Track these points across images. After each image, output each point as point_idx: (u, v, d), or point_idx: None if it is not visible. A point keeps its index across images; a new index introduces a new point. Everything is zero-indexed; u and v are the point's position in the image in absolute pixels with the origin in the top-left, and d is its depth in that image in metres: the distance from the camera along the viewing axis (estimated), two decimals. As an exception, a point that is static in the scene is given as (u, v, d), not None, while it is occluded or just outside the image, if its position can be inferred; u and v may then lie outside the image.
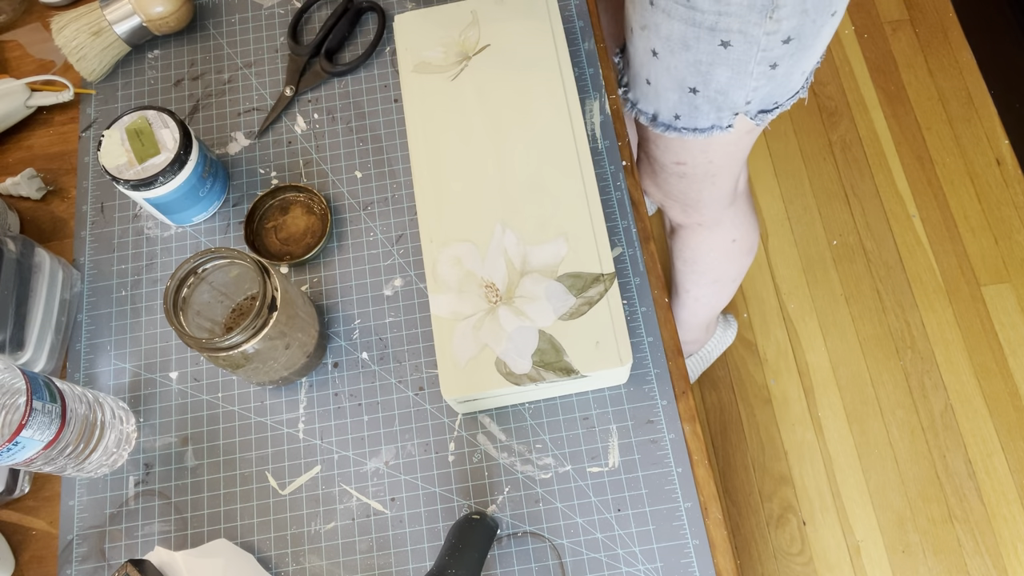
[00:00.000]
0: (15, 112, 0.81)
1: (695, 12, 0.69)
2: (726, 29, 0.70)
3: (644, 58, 0.79)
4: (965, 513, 1.38)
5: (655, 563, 0.64)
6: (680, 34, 0.72)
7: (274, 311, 0.61)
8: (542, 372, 0.62)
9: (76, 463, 0.64)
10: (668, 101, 0.81)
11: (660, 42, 0.75)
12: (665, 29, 0.73)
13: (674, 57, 0.75)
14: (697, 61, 0.74)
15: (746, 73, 0.74)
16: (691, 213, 1.00)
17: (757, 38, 0.70)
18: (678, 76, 0.77)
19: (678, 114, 0.81)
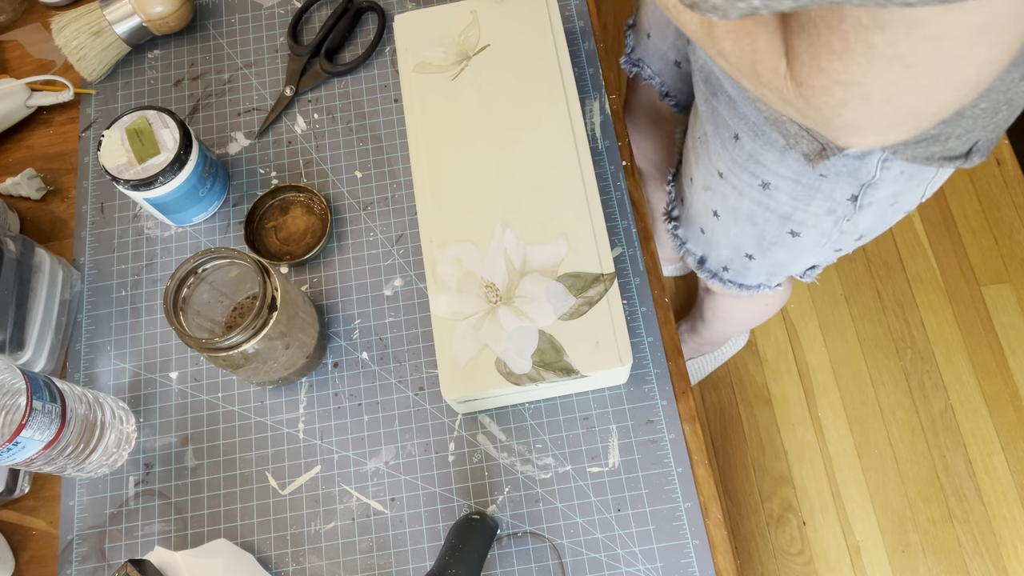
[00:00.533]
0: (15, 112, 0.81)
1: (770, 200, 0.67)
2: (800, 222, 0.68)
3: (702, 211, 0.77)
4: (965, 513, 1.37)
5: (655, 563, 0.64)
6: (748, 211, 0.71)
7: (274, 311, 0.61)
8: (542, 372, 0.62)
9: (76, 463, 0.64)
10: (720, 255, 0.80)
11: (725, 209, 0.73)
12: (732, 201, 0.71)
13: (736, 226, 0.74)
14: (761, 238, 0.73)
15: (809, 255, 0.73)
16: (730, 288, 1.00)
17: (829, 233, 0.69)
18: (737, 241, 0.76)
19: (727, 267, 0.81)
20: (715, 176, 0.72)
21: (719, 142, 0.69)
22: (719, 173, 0.71)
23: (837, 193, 0.64)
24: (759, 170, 0.66)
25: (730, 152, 0.68)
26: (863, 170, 0.61)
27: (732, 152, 0.68)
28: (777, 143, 0.63)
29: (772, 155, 0.64)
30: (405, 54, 0.75)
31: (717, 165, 0.71)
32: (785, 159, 0.63)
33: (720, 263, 0.82)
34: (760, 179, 0.67)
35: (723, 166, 0.70)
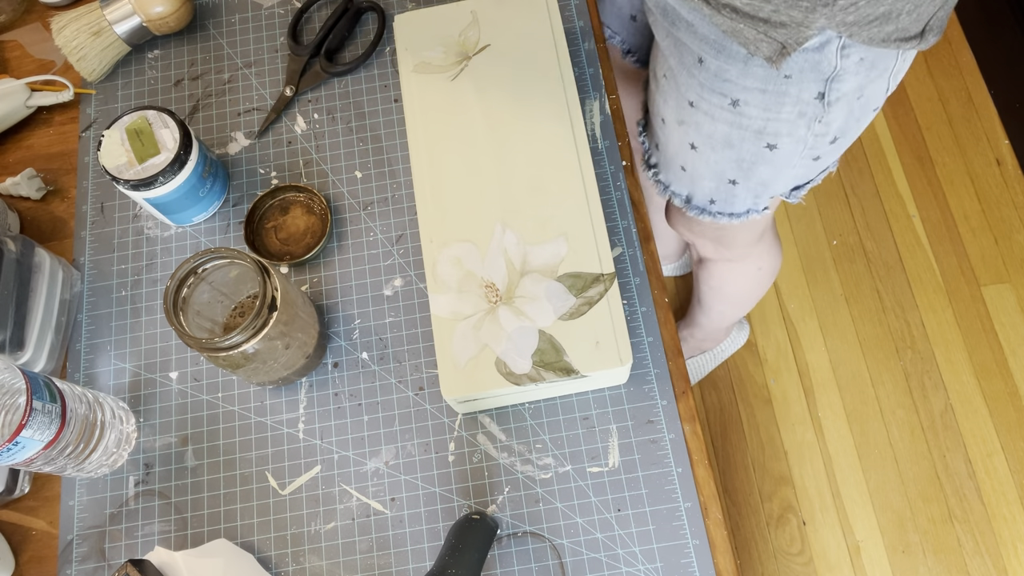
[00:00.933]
0: (15, 112, 0.81)
1: (742, 117, 0.69)
2: (774, 133, 0.69)
3: (679, 149, 0.78)
4: (965, 513, 1.38)
5: (655, 563, 0.64)
6: (723, 134, 0.72)
7: (274, 311, 0.61)
8: (542, 372, 0.62)
9: (76, 463, 0.64)
10: (704, 188, 0.81)
11: (700, 138, 0.74)
12: (707, 128, 0.72)
13: (715, 153, 0.75)
14: (740, 159, 0.74)
15: (789, 167, 0.74)
16: (722, 251, 1.01)
17: (804, 139, 0.70)
18: (717, 169, 0.77)
19: (714, 199, 0.81)
20: (686, 107, 0.73)
21: (685, 71, 0.70)
22: (689, 103, 0.72)
23: (804, 94, 0.65)
24: (726, 87, 0.67)
25: (697, 77, 0.69)
26: (824, 63, 0.62)
27: (699, 77, 0.68)
28: (739, 54, 0.64)
29: (736, 68, 0.65)
30: (405, 54, 0.75)
31: (687, 95, 0.72)
32: (749, 68, 0.64)
33: (706, 196, 0.82)
34: (729, 97, 0.68)
35: (692, 94, 0.71)
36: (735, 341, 1.46)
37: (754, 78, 0.65)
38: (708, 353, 1.45)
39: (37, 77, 0.82)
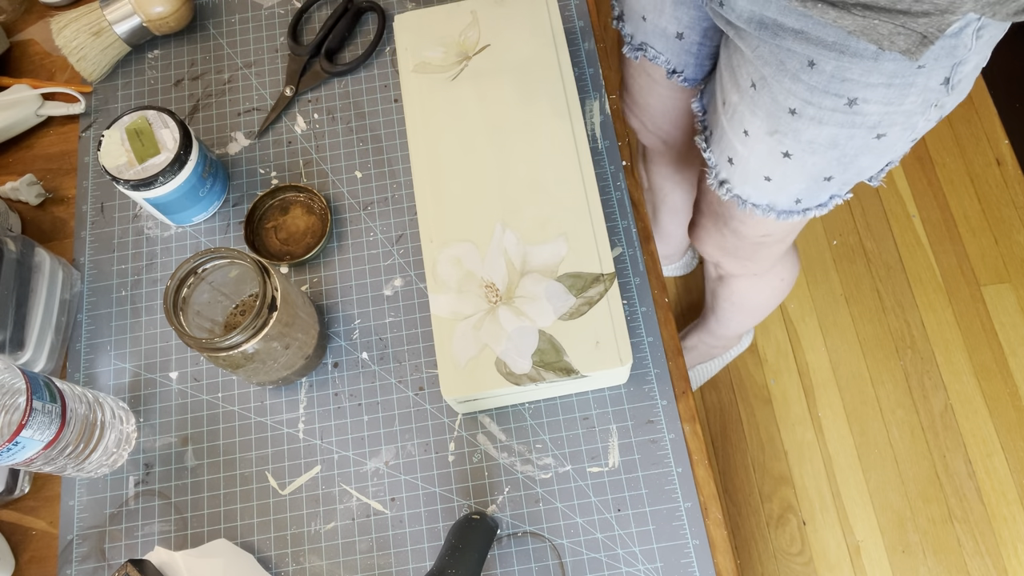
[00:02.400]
0: (25, 120, 0.81)
1: (857, 116, 0.66)
2: (889, 124, 0.67)
3: (767, 160, 0.75)
4: (965, 513, 1.38)
5: (655, 563, 0.64)
6: (829, 136, 0.69)
7: (274, 311, 0.61)
8: (542, 372, 0.62)
9: (76, 463, 0.64)
10: (791, 192, 0.78)
11: (799, 145, 0.72)
12: (810, 134, 0.70)
13: (814, 156, 0.72)
14: (843, 156, 0.71)
15: (891, 152, 0.72)
16: (748, 266, 0.99)
17: (915, 124, 0.68)
18: (814, 171, 0.74)
19: (800, 199, 0.79)
20: (784, 116, 0.70)
21: (788, 78, 0.67)
22: (790, 110, 0.69)
23: (931, 81, 0.63)
24: (844, 87, 0.65)
25: (805, 82, 0.66)
26: (960, 47, 0.61)
27: (808, 81, 0.66)
28: (866, 52, 0.62)
29: (861, 66, 0.63)
30: (405, 54, 0.75)
31: (787, 103, 0.69)
32: (878, 64, 0.62)
33: (792, 199, 0.79)
34: (845, 97, 0.65)
35: (795, 101, 0.69)
36: (742, 344, 1.46)
37: (881, 73, 0.63)
38: (717, 360, 1.45)
39: (51, 88, 0.82)
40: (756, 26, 0.67)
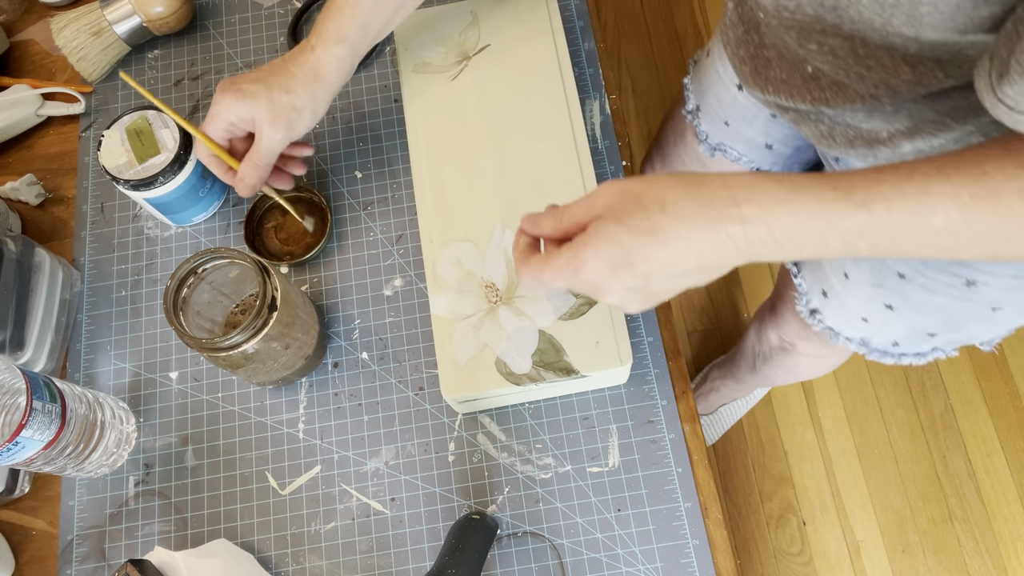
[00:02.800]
0: (26, 120, 0.81)
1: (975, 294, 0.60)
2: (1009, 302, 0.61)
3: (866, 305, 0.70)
4: (965, 513, 1.37)
5: (655, 563, 0.64)
6: (939, 304, 0.64)
7: (274, 311, 0.61)
8: (542, 372, 0.62)
9: (76, 463, 0.64)
10: (889, 335, 0.72)
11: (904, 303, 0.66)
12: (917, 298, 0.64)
13: (920, 315, 0.67)
14: (950, 319, 0.65)
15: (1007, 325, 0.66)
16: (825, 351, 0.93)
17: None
18: (918, 325, 0.68)
19: (898, 343, 0.73)
20: (891, 277, 0.65)
21: None
22: (899, 275, 0.64)
23: None
24: (965, 271, 0.59)
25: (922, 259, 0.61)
26: None
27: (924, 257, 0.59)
28: None
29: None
30: (405, 54, 0.75)
31: (895, 268, 0.64)
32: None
33: (889, 341, 0.73)
34: (964, 278, 0.59)
35: (906, 269, 0.63)
36: (765, 388, 1.41)
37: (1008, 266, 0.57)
38: (740, 401, 1.39)
39: (51, 88, 0.82)
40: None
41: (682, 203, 0.42)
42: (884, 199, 0.40)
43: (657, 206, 0.43)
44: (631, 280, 0.44)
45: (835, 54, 0.50)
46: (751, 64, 0.64)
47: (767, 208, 0.41)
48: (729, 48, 0.68)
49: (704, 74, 0.81)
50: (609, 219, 0.44)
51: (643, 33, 1.73)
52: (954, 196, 0.39)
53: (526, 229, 0.51)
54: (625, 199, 0.44)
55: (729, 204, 0.42)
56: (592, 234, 0.44)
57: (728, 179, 0.43)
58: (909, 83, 0.47)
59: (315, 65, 0.64)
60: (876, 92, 0.51)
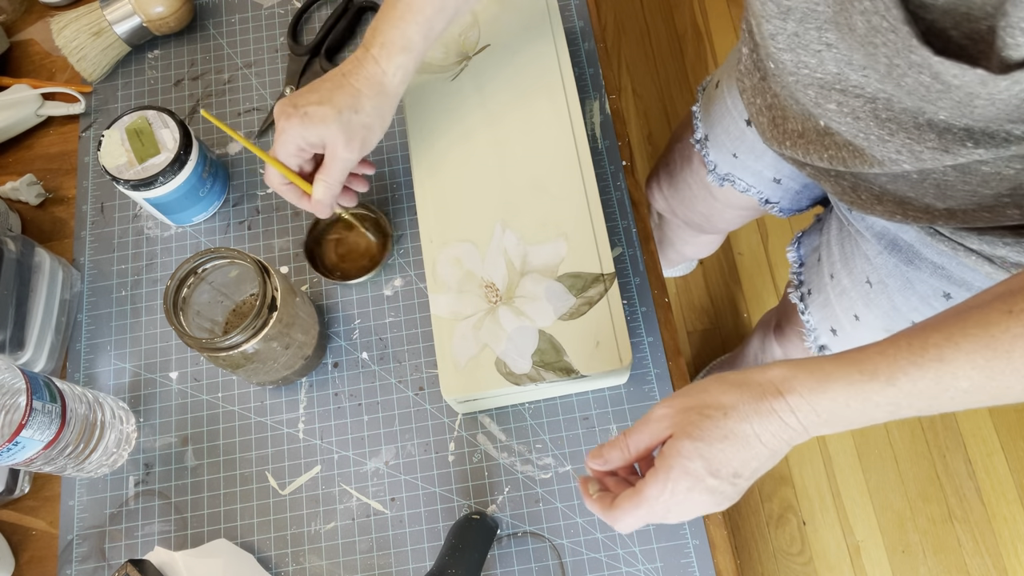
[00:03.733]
0: (26, 120, 0.81)
1: None
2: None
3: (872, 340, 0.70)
4: (965, 513, 1.38)
5: (655, 563, 0.64)
6: None
7: (274, 311, 0.61)
8: (542, 372, 0.62)
9: (76, 463, 0.64)
10: None
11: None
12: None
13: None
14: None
15: None
16: None
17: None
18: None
19: None
20: (904, 324, 0.65)
21: (916, 298, 0.62)
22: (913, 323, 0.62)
23: None
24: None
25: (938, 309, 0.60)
26: None
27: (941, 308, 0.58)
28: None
29: None
30: (405, 54, 0.75)
31: (910, 316, 0.65)
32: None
33: None
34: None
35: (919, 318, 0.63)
36: None
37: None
38: None
39: (51, 88, 0.82)
40: (886, 244, 0.63)
41: (740, 405, 0.45)
42: (906, 375, 0.42)
43: (720, 413, 0.45)
44: (719, 485, 0.46)
45: (855, 115, 0.49)
46: (768, 115, 0.63)
47: (808, 397, 0.44)
48: (745, 96, 0.67)
49: (713, 105, 0.81)
50: (683, 436, 0.46)
51: (643, 33, 1.73)
52: (970, 362, 0.41)
53: (596, 468, 0.51)
54: (689, 415, 0.46)
55: (777, 397, 0.44)
56: (673, 455, 0.46)
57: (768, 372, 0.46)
58: (934, 150, 0.46)
59: (380, 79, 0.61)
60: (897, 157, 0.49)
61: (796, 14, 0.48)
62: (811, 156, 0.58)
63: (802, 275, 0.79)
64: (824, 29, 0.46)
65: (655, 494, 0.47)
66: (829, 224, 0.74)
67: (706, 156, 0.84)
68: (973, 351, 0.41)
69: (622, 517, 0.48)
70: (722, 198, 0.90)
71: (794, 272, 0.80)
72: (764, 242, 1.60)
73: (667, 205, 1.03)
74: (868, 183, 0.57)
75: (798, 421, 0.44)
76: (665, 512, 0.48)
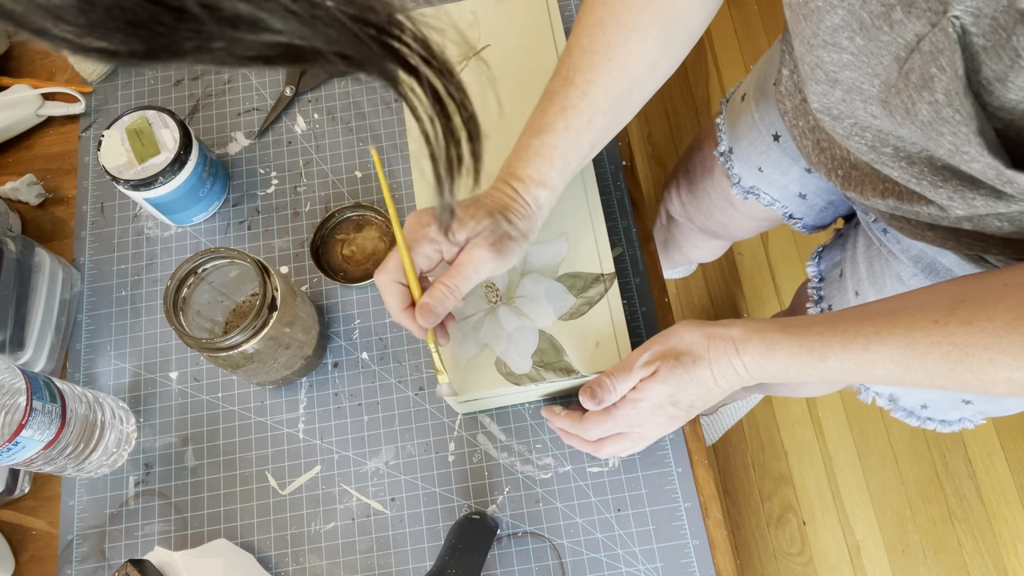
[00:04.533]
0: (26, 120, 0.81)
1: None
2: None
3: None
4: (965, 513, 1.38)
5: (655, 563, 0.64)
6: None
7: (274, 311, 0.61)
8: (542, 372, 0.62)
9: (76, 463, 0.64)
10: (919, 397, 0.73)
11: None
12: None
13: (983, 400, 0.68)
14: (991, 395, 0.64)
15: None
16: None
17: None
18: (953, 394, 0.68)
19: (927, 405, 0.73)
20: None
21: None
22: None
23: None
24: None
25: None
26: None
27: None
28: None
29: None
30: (405, 54, 0.75)
31: None
32: None
33: (919, 402, 0.73)
34: None
35: None
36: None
37: None
38: (740, 401, 1.40)
39: (51, 88, 0.82)
40: (923, 267, 0.63)
41: (707, 355, 0.55)
42: (836, 356, 0.50)
43: (691, 360, 0.55)
44: (676, 412, 0.57)
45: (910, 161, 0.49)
46: (812, 138, 0.63)
47: (757, 359, 0.53)
48: (787, 118, 0.67)
49: (739, 118, 0.80)
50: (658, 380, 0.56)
51: (643, 33, 1.72)
52: (889, 356, 0.48)
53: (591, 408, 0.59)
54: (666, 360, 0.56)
55: (734, 354, 0.54)
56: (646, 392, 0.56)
57: (731, 330, 0.54)
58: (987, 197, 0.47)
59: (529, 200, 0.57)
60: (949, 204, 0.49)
61: (843, 85, 0.48)
62: (866, 190, 0.58)
63: (822, 290, 0.79)
64: (869, 103, 0.47)
65: (623, 414, 0.57)
66: (854, 240, 0.73)
67: (731, 169, 0.84)
68: (894, 348, 0.48)
69: (591, 428, 0.59)
70: (743, 210, 0.89)
71: (813, 287, 0.79)
72: (765, 243, 1.60)
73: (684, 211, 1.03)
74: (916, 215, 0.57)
75: (748, 373, 0.54)
76: (628, 426, 0.58)
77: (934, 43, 0.37)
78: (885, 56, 0.42)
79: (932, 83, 0.39)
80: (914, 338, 0.47)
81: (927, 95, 0.40)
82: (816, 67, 0.49)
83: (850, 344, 0.49)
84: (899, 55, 0.41)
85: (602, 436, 0.59)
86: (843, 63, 0.46)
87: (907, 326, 0.47)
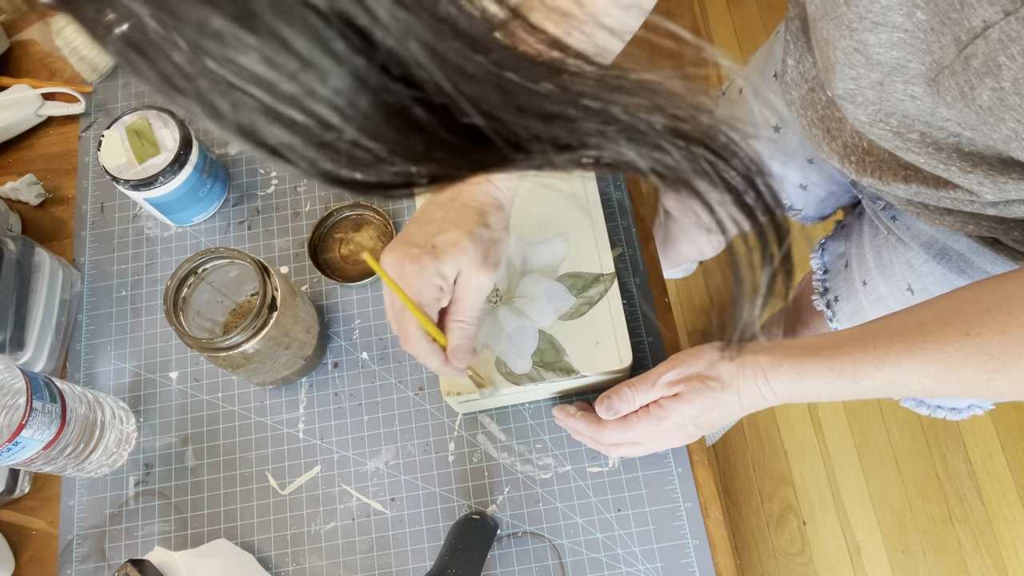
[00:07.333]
0: (26, 120, 0.81)
1: None
2: None
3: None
4: (965, 513, 1.37)
5: (655, 563, 0.64)
6: None
7: (274, 311, 0.61)
8: (542, 372, 0.62)
9: (76, 463, 0.64)
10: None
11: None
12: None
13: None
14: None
15: None
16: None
17: None
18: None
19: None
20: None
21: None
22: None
23: None
24: None
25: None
26: None
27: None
28: None
29: None
30: (405, 54, 0.75)
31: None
32: None
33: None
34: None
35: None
36: None
37: None
38: None
39: (51, 88, 0.82)
40: (935, 253, 0.63)
41: (735, 382, 0.55)
42: (869, 376, 0.50)
43: (719, 386, 0.55)
44: (697, 431, 0.58)
45: (937, 147, 0.49)
46: (822, 126, 0.62)
47: (788, 385, 0.53)
48: (794, 108, 0.67)
49: (736, 110, 0.81)
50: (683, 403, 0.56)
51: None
52: (923, 370, 0.48)
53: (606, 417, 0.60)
54: (692, 383, 0.56)
55: (763, 381, 0.54)
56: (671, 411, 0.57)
57: (759, 357, 0.54)
58: (1019, 181, 0.47)
59: (495, 194, 0.55)
60: (979, 189, 0.50)
61: (884, 67, 0.47)
62: (885, 176, 0.58)
63: (827, 282, 0.79)
64: (911, 83, 0.46)
65: (644, 427, 0.58)
66: (859, 230, 0.73)
67: None
68: (928, 362, 0.48)
69: (608, 435, 0.59)
70: None
71: (819, 279, 0.80)
72: (764, 242, 1.59)
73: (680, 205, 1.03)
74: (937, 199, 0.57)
75: (776, 397, 0.54)
76: (646, 438, 0.58)
77: (1006, 32, 0.37)
78: (945, 35, 0.41)
79: (999, 71, 0.39)
80: (948, 352, 0.47)
81: (990, 81, 0.40)
82: (854, 51, 0.48)
83: (882, 362, 0.49)
84: (960, 38, 0.40)
85: (618, 443, 0.60)
86: (892, 42, 0.45)
87: (939, 339, 0.47)
